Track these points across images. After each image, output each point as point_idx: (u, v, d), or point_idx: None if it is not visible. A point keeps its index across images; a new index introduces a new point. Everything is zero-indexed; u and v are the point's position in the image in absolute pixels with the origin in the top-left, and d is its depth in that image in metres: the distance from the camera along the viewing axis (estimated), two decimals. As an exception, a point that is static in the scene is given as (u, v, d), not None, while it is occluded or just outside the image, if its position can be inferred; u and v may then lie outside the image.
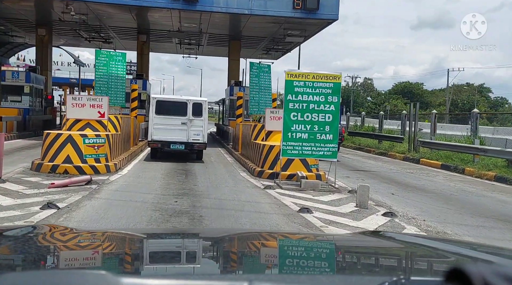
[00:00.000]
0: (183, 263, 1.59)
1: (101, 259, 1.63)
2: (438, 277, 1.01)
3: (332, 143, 10.58)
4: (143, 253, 1.81)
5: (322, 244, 2.16)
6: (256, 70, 18.08)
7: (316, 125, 10.53)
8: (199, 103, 15.73)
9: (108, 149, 11.81)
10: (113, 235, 2.16)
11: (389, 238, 2.20)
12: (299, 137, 10.50)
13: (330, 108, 10.53)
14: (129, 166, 13.23)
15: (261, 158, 12.41)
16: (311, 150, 10.56)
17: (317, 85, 10.50)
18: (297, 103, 10.48)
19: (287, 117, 10.49)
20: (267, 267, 1.67)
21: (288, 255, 1.85)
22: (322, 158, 10.80)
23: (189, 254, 1.78)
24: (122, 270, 1.46)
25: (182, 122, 15.41)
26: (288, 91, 10.49)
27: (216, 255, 1.84)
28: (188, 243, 2.02)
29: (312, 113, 10.50)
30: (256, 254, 1.88)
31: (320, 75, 10.53)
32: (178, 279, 1.16)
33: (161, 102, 15.66)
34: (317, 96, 10.49)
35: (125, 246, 1.90)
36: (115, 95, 16.87)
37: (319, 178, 11.78)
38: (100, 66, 16.51)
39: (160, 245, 1.95)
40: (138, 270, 1.52)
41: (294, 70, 10.56)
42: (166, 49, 34.54)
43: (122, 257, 1.69)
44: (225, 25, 24.69)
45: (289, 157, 10.86)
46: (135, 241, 2.00)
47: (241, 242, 2.08)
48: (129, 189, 9.29)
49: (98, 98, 12.93)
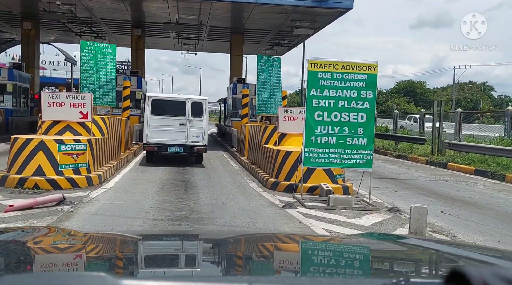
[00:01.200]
0: (182, 265, 1.58)
1: (101, 261, 1.64)
2: (438, 279, 1.04)
3: (366, 149, 8.52)
4: (143, 255, 1.78)
5: (321, 246, 2.12)
6: (264, 64, 15.96)
7: (346, 127, 8.47)
8: (198, 103, 13.76)
9: (91, 157, 9.74)
10: (113, 237, 2.11)
11: (389, 239, 2.22)
12: (326, 142, 8.44)
13: (364, 106, 8.47)
14: (118, 175, 11.17)
15: (275, 166, 10.34)
16: (340, 157, 8.50)
17: (348, 77, 8.44)
18: (323, 100, 8.42)
19: (311, 117, 8.43)
20: (267, 269, 1.66)
21: (288, 257, 1.85)
22: (354, 167, 8.73)
23: (189, 256, 1.78)
24: (121, 272, 1.46)
25: (180, 123, 13.55)
26: (312, 85, 8.43)
27: (216, 257, 1.83)
28: (188, 245, 2.02)
29: (342, 112, 8.45)
30: (256, 256, 1.84)
31: (351, 65, 8.46)
32: (177, 281, 1.15)
33: (157, 101, 13.74)
34: (348, 90, 8.44)
35: (124, 248, 1.88)
36: (104, 94, 14.79)
37: (346, 191, 9.73)
38: (86, 60, 14.41)
39: (159, 247, 1.94)
40: (137, 272, 1.49)
41: (319, 59, 8.48)
42: (164, 45, 32.43)
43: (122, 259, 1.68)
44: (227, 16, 22.63)
45: (312, 167, 8.79)
46: (135, 243, 1.99)
47: (241, 244, 2.07)
48: (112, 212, 7.22)
49: (80, 96, 10.86)
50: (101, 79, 14.67)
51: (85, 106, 10.76)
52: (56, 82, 48.86)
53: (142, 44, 25.80)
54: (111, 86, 14.86)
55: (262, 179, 10.72)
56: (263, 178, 10.63)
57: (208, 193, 9.21)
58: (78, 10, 21.20)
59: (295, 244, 2.12)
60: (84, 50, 14.41)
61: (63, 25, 23.91)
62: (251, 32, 25.37)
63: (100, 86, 14.66)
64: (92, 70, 14.50)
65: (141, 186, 9.74)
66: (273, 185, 9.93)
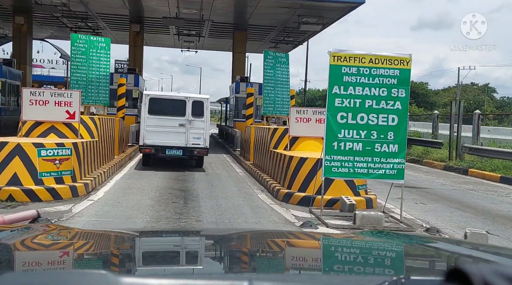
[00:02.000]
0: (183, 262, 1.57)
1: (101, 259, 1.61)
2: (438, 277, 1.01)
3: (397, 157, 7.27)
4: (143, 252, 1.76)
5: (322, 243, 2.06)
6: (271, 61, 14.65)
7: (374, 131, 7.22)
8: (199, 102, 12.55)
9: (76, 163, 8.48)
10: (114, 235, 2.10)
11: (390, 237, 2.20)
12: (350, 149, 7.19)
13: (395, 107, 7.22)
14: (109, 183, 9.91)
15: (286, 175, 9.08)
16: (367, 167, 7.24)
17: (377, 73, 7.19)
18: (347, 99, 7.17)
19: (333, 119, 7.17)
20: (267, 266, 1.64)
21: (288, 254, 1.84)
22: (383, 178, 7.47)
23: (189, 253, 1.77)
24: (121, 270, 1.44)
25: (179, 124, 12.36)
26: (334, 81, 7.17)
27: (217, 254, 1.84)
28: (188, 242, 2.02)
29: (369, 113, 7.20)
30: (256, 253, 1.83)
31: (380, 58, 7.21)
32: (178, 278, 1.12)
33: (155, 100, 12.52)
34: (377, 88, 7.19)
35: (126, 246, 1.87)
36: (96, 92, 13.53)
37: (370, 204, 8.49)
38: (77, 54, 13.15)
39: (160, 244, 1.93)
40: (138, 269, 1.47)
41: (343, 51, 7.23)
42: (163, 42, 31.15)
43: (123, 257, 1.66)
44: (229, 11, 21.38)
45: (334, 178, 7.53)
46: (135, 240, 1.97)
47: (241, 241, 2.06)
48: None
49: (67, 94, 9.59)
50: (94, 75, 13.41)
51: (72, 105, 9.50)
52: (54, 81, 47.70)
53: (140, 40, 24.54)
54: (105, 84, 13.60)
55: (271, 189, 9.46)
56: (273, 187, 9.37)
57: (212, 206, 7.94)
58: (72, 4, 19.96)
59: (296, 241, 2.10)
60: (75, 44, 13.15)
61: (57, 19, 22.68)
62: (255, 28, 24.12)
63: (93, 83, 13.41)
64: (83, 65, 13.24)
65: (134, 197, 8.48)
66: (285, 196, 8.66)
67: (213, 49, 33.73)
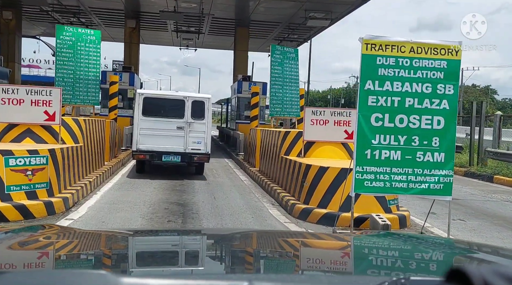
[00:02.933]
0: (183, 262, 1.57)
1: (102, 259, 1.61)
2: (438, 277, 1.01)
3: (444, 168, 5.92)
4: (144, 252, 1.76)
5: (322, 243, 2.07)
6: (279, 56, 13.27)
7: (416, 136, 5.88)
8: (200, 102, 11.22)
9: (54, 173, 7.12)
10: (114, 235, 2.10)
11: (389, 237, 2.18)
12: (386, 159, 5.84)
13: (442, 106, 5.88)
14: (96, 195, 8.56)
15: (303, 187, 7.71)
16: (406, 180, 5.90)
17: (419, 65, 5.84)
18: (383, 96, 5.83)
19: (365, 122, 5.83)
20: (267, 266, 1.63)
21: (288, 255, 1.84)
22: (426, 195, 6.11)
23: (189, 254, 1.76)
24: (122, 270, 1.44)
25: (178, 127, 11.03)
26: (367, 74, 5.83)
27: (217, 255, 1.82)
28: (188, 242, 2.01)
29: (410, 114, 5.86)
30: (256, 254, 1.80)
31: (424, 47, 5.87)
32: (178, 278, 1.14)
33: (149, 99, 11.18)
34: (419, 84, 5.85)
35: (126, 246, 1.87)
36: (85, 90, 12.17)
37: (404, 222, 7.15)
38: (63, 48, 11.79)
39: (160, 244, 1.92)
40: (139, 269, 1.48)
41: (378, 37, 5.87)
42: (161, 40, 29.77)
43: (123, 257, 1.67)
44: (231, 5, 20.04)
45: (367, 194, 6.17)
46: (136, 240, 1.96)
47: (241, 242, 2.05)
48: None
49: (45, 91, 8.23)
50: (82, 72, 12.05)
51: (51, 105, 8.14)
52: (51, 81, 46.12)
53: (137, 37, 23.17)
54: (94, 81, 12.23)
55: (284, 202, 8.10)
56: (286, 200, 8.02)
57: (216, 226, 6.58)
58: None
59: (296, 241, 2.07)
60: (61, 37, 11.79)
61: (48, 14, 21.32)
62: (258, 24, 22.76)
63: (81, 81, 12.05)
64: (70, 61, 11.88)
65: (123, 214, 7.13)
66: (302, 213, 7.30)
67: (213, 47, 32.35)
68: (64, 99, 11.93)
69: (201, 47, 30.42)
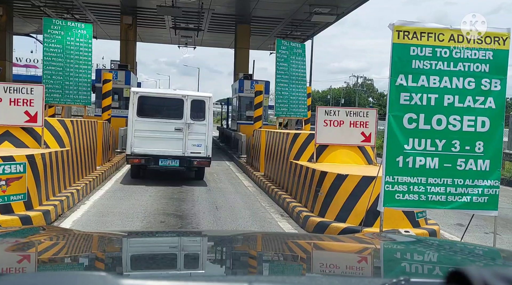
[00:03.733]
0: (183, 265, 1.56)
1: (102, 261, 1.59)
2: (439, 279, 1.01)
3: (489, 178, 5.02)
4: (144, 254, 1.74)
5: (322, 245, 2.04)
6: (285, 52, 12.33)
7: (456, 140, 4.98)
8: (200, 101, 10.33)
9: (33, 183, 6.20)
10: (114, 236, 2.06)
11: (390, 239, 2.15)
12: (422, 167, 4.94)
13: (487, 105, 4.98)
14: (84, 205, 7.66)
15: (317, 197, 6.81)
16: (445, 192, 5.00)
17: (461, 56, 4.95)
18: (418, 93, 4.93)
19: (396, 123, 4.92)
20: (267, 268, 1.62)
21: (288, 256, 1.82)
22: (468, 209, 5.19)
23: (189, 255, 1.74)
24: (122, 271, 1.43)
25: (176, 128, 10.15)
26: (399, 68, 4.92)
27: (217, 256, 1.80)
28: (188, 244, 1.98)
29: (449, 115, 4.96)
30: (256, 255, 1.79)
31: (466, 34, 4.96)
32: (177, 280, 1.14)
33: (145, 98, 10.30)
34: (460, 78, 4.96)
35: (126, 247, 1.84)
36: (75, 89, 11.25)
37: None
38: (51, 43, 10.87)
39: (160, 246, 1.91)
40: (137, 271, 1.46)
41: (412, 24, 4.96)
42: (159, 38, 28.83)
43: (123, 258, 1.65)
44: (232, 1, 19.11)
45: (398, 208, 5.26)
46: (136, 242, 1.96)
47: (241, 243, 2.04)
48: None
49: (26, 89, 7.31)
50: (72, 69, 11.13)
51: (33, 104, 7.23)
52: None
53: (133, 34, 22.24)
54: (85, 79, 11.31)
55: (295, 214, 7.19)
56: (297, 212, 7.11)
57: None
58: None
59: (297, 243, 2.04)
60: (49, 31, 10.89)
61: (40, 10, 20.37)
62: (259, 21, 21.84)
63: (71, 78, 11.13)
64: (59, 57, 10.95)
65: (114, 229, 6.21)
66: (317, 227, 6.38)
67: (212, 45, 31.41)
68: (52, 98, 11.05)
69: (200, 45, 29.51)
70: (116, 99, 17.90)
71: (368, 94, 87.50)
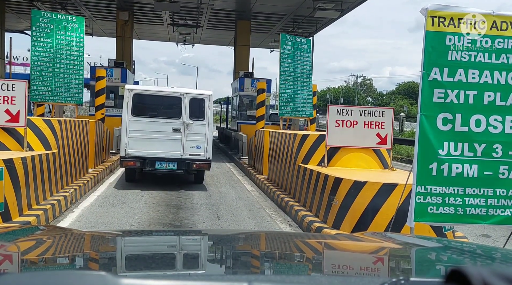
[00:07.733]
0: (183, 264, 1.53)
1: (101, 260, 1.57)
2: (438, 278, 1.00)
3: (535, 188, 4.32)
4: (142, 253, 1.73)
5: (322, 244, 2.02)
6: (290, 47, 11.62)
7: (498, 145, 4.30)
8: (199, 99, 9.65)
9: (12, 190, 5.49)
10: (114, 236, 2.08)
11: (389, 238, 2.13)
12: (459, 175, 4.26)
13: (534, 104, 4.28)
14: (72, 213, 6.96)
15: (330, 205, 6.12)
16: (486, 205, 4.32)
17: (504, 46, 4.26)
18: (455, 90, 4.25)
19: (429, 124, 4.24)
20: (266, 267, 1.60)
21: (288, 255, 1.80)
22: (510, 224, 4.50)
23: (189, 255, 1.72)
24: (122, 271, 1.41)
25: (173, 128, 9.50)
26: (433, 59, 4.24)
27: (217, 256, 1.79)
28: (187, 243, 1.97)
29: (490, 115, 4.28)
30: (256, 254, 1.77)
31: (511, 21, 4.28)
32: (177, 280, 1.13)
33: (140, 96, 9.63)
34: (503, 72, 4.28)
35: (125, 246, 1.83)
36: (66, 86, 10.54)
37: (465, 253, 5.51)
38: (39, 37, 10.16)
39: (159, 245, 1.89)
40: (137, 270, 1.42)
41: (449, 8, 4.27)
42: (156, 35, 28.10)
43: (123, 257, 1.63)
44: (232, -4, 18.42)
45: (432, 223, 4.57)
46: (135, 241, 1.95)
47: (241, 242, 2.03)
48: None
49: (6, 85, 6.60)
50: (63, 65, 10.42)
51: (14, 102, 6.52)
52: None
53: (130, 31, 21.51)
54: (77, 76, 10.59)
55: (305, 224, 6.49)
56: (308, 222, 6.41)
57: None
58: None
59: (297, 242, 2.01)
60: (37, 24, 10.16)
61: (33, 6, 19.62)
62: (260, 17, 21.17)
63: (61, 75, 10.41)
64: (48, 52, 10.23)
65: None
66: (332, 240, 5.69)
67: (211, 43, 30.69)
68: (41, 97, 10.34)
69: (199, 43, 28.80)
70: (111, 98, 17.20)
71: (367, 94, 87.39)
